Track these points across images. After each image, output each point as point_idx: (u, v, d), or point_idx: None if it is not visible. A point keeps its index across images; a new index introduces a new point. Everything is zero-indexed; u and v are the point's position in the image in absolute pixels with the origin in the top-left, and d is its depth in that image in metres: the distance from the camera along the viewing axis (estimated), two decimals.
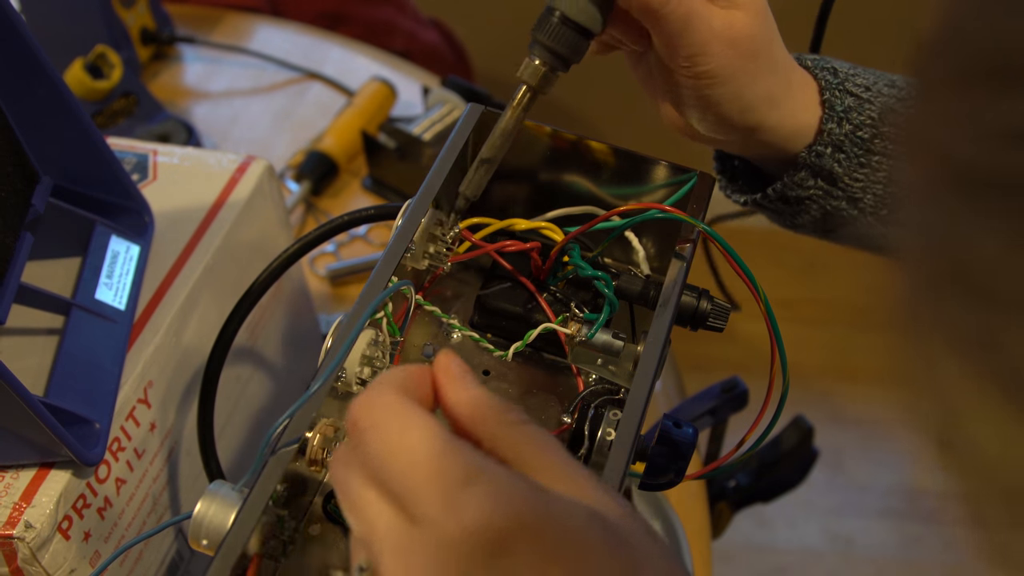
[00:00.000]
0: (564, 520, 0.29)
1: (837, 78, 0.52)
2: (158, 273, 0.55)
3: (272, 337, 0.66)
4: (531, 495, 0.29)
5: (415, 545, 0.28)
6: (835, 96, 0.51)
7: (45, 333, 0.50)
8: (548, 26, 0.41)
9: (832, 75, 0.52)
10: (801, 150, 0.52)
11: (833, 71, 0.52)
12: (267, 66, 1.10)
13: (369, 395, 0.32)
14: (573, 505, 0.30)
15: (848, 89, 0.52)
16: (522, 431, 0.32)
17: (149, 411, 0.52)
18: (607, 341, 0.46)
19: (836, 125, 0.51)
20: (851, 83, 0.52)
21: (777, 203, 0.54)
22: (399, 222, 0.46)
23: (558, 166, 0.51)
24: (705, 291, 0.47)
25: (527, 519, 0.28)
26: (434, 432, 0.30)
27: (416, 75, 1.10)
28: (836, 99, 0.51)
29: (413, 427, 0.30)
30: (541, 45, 0.41)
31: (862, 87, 0.52)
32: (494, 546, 0.28)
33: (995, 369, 0.19)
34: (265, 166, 0.63)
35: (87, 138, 0.52)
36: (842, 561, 1.68)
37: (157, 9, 1.08)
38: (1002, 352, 0.19)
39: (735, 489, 0.75)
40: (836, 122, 0.51)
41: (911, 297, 0.22)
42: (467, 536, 0.28)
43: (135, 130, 0.95)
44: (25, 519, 0.44)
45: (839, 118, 0.51)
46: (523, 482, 0.29)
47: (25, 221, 0.49)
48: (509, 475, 0.29)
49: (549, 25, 0.41)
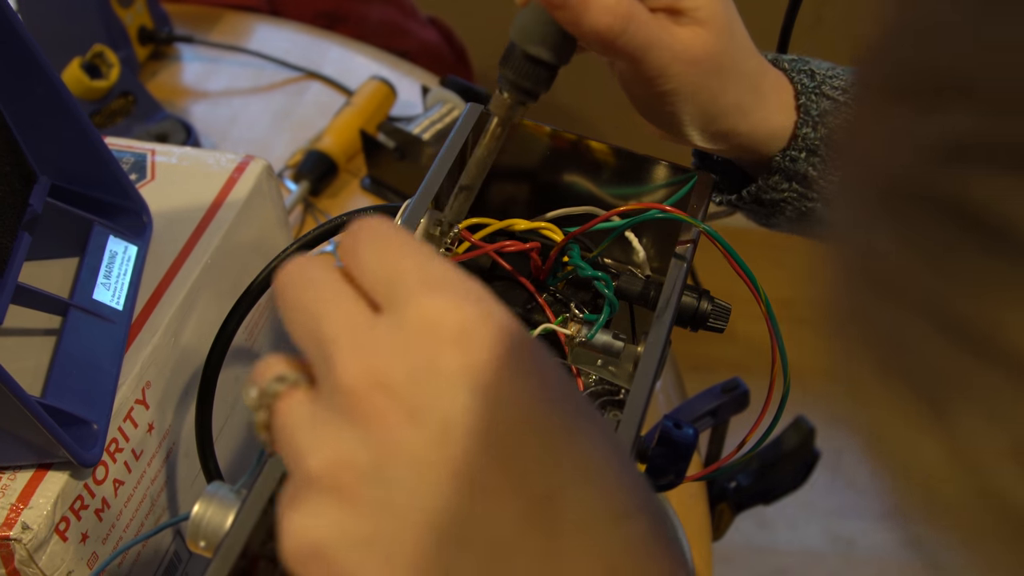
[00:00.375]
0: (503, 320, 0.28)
1: (814, 81, 0.52)
2: (156, 273, 0.55)
3: (271, 337, 0.66)
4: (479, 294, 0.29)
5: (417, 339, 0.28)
6: (811, 100, 0.51)
7: (42, 333, 0.49)
8: (512, 61, 0.41)
9: (809, 78, 0.52)
10: (776, 153, 0.51)
11: (810, 73, 0.52)
12: (266, 65, 1.09)
13: None
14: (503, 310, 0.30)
15: (824, 92, 0.51)
16: None
17: (147, 412, 0.52)
18: (607, 342, 0.46)
19: (811, 129, 0.51)
20: (828, 85, 0.52)
21: (752, 205, 0.54)
22: (398, 222, 0.46)
23: (558, 166, 0.51)
24: (705, 291, 0.47)
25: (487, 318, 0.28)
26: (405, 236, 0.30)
27: (415, 74, 1.10)
28: (812, 103, 0.51)
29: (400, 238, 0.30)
30: (507, 80, 0.42)
31: (839, 89, 0.52)
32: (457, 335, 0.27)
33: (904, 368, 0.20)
34: (264, 166, 0.62)
35: (85, 138, 0.52)
36: (843, 563, 1.68)
37: (155, 8, 1.07)
38: (910, 352, 0.19)
39: (736, 490, 0.75)
40: (811, 126, 0.51)
41: (833, 289, 0.22)
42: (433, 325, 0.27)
43: (133, 130, 0.95)
44: (22, 520, 0.44)
45: (814, 122, 0.51)
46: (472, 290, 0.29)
47: (22, 221, 0.49)
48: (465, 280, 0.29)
49: (513, 60, 0.41)
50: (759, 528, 1.71)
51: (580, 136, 0.50)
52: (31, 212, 0.50)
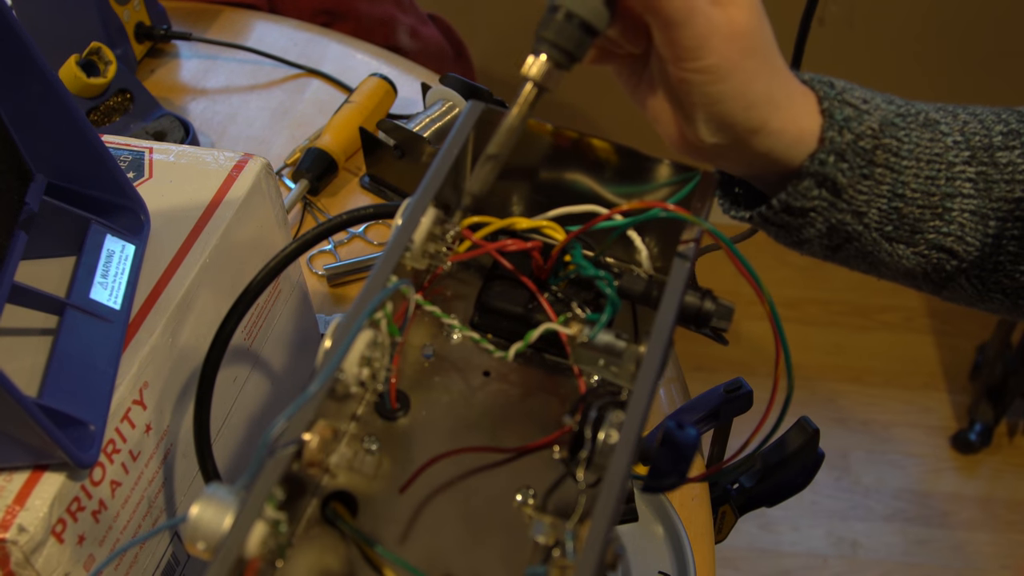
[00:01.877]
0: None
1: (834, 89, 0.52)
2: (154, 272, 0.55)
3: (269, 337, 0.65)
4: None
5: None
6: (834, 106, 0.51)
7: (39, 333, 0.49)
8: (553, 23, 0.41)
9: (829, 87, 0.52)
10: (803, 159, 0.52)
11: (830, 84, 0.53)
12: (265, 63, 1.09)
13: None
14: None
15: (847, 100, 0.52)
16: None
17: (144, 412, 0.51)
18: (609, 342, 0.45)
19: (837, 133, 0.51)
20: (849, 95, 0.52)
21: (781, 215, 0.54)
22: (398, 221, 0.46)
23: (560, 164, 0.51)
24: (708, 291, 0.46)
25: None
26: None
27: (415, 72, 1.09)
28: (835, 108, 0.51)
29: None
30: (547, 42, 0.42)
31: (860, 99, 0.52)
32: None
33: None
34: (262, 164, 0.62)
35: (82, 136, 0.52)
36: (847, 565, 1.68)
37: (153, 5, 1.07)
38: None
39: (739, 492, 0.75)
40: (837, 130, 0.51)
41: None
42: None
43: (130, 127, 0.94)
44: (18, 522, 0.44)
45: (839, 127, 0.51)
46: None
47: (19, 220, 0.49)
48: None
49: (554, 22, 0.41)
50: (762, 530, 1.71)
51: (582, 134, 0.50)
52: (27, 211, 0.49)
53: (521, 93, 0.43)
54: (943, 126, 0.54)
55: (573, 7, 0.41)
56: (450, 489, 0.44)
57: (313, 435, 0.39)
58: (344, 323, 0.42)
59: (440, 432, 0.46)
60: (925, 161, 0.52)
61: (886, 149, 0.52)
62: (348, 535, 0.42)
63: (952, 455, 1.81)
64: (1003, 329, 1.81)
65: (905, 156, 0.52)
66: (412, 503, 0.43)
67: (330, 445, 0.40)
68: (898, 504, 1.75)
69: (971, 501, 1.75)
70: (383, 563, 0.41)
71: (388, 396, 0.45)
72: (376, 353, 0.43)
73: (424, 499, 0.44)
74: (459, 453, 0.45)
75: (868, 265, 0.56)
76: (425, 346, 0.48)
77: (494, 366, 0.48)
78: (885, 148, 0.52)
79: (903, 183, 0.52)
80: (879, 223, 0.53)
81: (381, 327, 0.43)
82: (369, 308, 0.38)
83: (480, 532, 0.42)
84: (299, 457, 0.39)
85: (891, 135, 0.52)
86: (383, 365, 0.43)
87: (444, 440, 0.45)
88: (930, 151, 0.53)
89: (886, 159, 0.52)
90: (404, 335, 0.46)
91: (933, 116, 0.54)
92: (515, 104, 0.44)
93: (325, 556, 0.42)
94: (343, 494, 0.43)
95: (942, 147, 0.53)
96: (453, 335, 0.49)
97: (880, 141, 0.52)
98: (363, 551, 0.42)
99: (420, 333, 0.49)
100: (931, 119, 0.54)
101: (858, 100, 0.52)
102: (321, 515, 0.43)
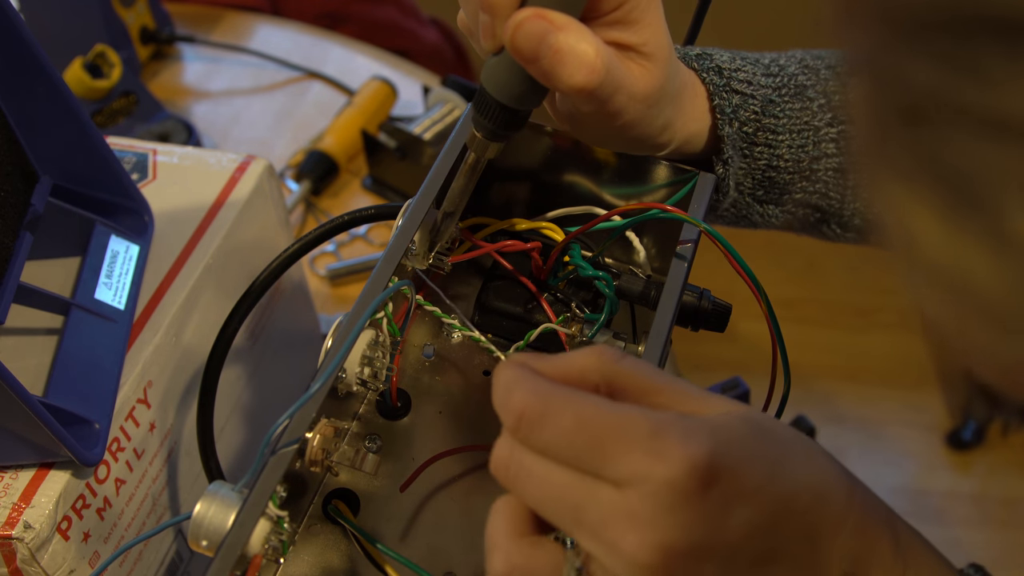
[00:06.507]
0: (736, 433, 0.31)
1: (722, 78, 0.52)
2: (158, 273, 0.55)
3: (272, 337, 0.66)
4: (702, 424, 0.31)
5: (640, 505, 0.29)
6: (723, 99, 0.51)
7: (44, 333, 0.50)
8: (484, 108, 0.41)
9: (717, 75, 0.52)
10: (695, 151, 0.52)
11: (718, 71, 0.52)
12: (267, 65, 1.09)
13: (520, 387, 0.32)
14: (728, 418, 0.32)
15: (733, 88, 0.52)
16: (627, 365, 0.33)
17: (149, 411, 0.52)
18: (608, 341, 0.46)
19: (728, 125, 0.51)
20: (735, 80, 0.52)
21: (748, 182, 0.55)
22: (399, 222, 0.46)
23: (559, 166, 0.51)
24: (706, 291, 0.47)
25: (714, 446, 0.30)
26: (595, 400, 0.31)
27: (417, 74, 1.10)
28: (724, 102, 0.51)
29: (577, 402, 0.31)
30: (479, 124, 0.41)
31: (744, 82, 0.52)
32: (704, 476, 0.29)
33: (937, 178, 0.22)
34: (265, 165, 0.62)
35: (87, 137, 0.52)
36: None
37: (157, 8, 1.07)
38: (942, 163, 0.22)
39: None
40: (728, 122, 0.51)
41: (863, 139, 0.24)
42: (681, 476, 0.29)
43: (135, 129, 0.95)
44: (24, 519, 0.44)
45: (729, 118, 0.51)
46: (686, 417, 0.31)
47: (24, 221, 0.49)
48: (672, 414, 0.31)
49: (485, 107, 0.41)
50: None
51: None
52: (33, 212, 0.50)
53: (465, 162, 0.44)
54: (809, 91, 0.54)
55: (501, 98, 0.41)
56: (451, 487, 0.44)
57: (315, 434, 0.40)
58: (345, 323, 0.42)
59: (441, 431, 0.46)
60: (796, 132, 0.53)
61: (766, 129, 0.52)
62: (350, 532, 0.42)
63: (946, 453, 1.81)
64: None
65: (781, 131, 0.53)
66: (413, 501, 0.44)
67: (332, 443, 0.40)
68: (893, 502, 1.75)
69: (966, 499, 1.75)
70: (384, 560, 0.41)
71: (389, 395, 0.46)
72: (377, 352, 0.43)
73: (425, 497, 0.44)
74: (460, 451, 0.45)
75: (736, 221, 0.57)
76: (426, 345, 0.49)
77: (494, 365, 0.48)
78: (765, 128, 0.52)
79: (778, 156, 0.53)
80: (752, 189, 0.54)
81: (382, 327, 0.44)
82: (370, 308, 0.39)
83: (480, 529, 0.42)
84: (301, 455, 0.40)
85: (770, 114, 0.53)
86: (384, 364, 0.44)
87: (445, 438, 0.46)
88: (800, 120, 0.53)
89: (765, 138, 0.53)
90: (405, 335, 0.47)
91: (801, 80, 0.54)
92: (460, 171, 0.45)
93: (327, 553, 0.43)
94: (345, 492, 0.44)
95: (809, 114, 0.54)
96: (454, 335, 0.49)
97: (761, 123, 0.52)
98: (365, 548, 0.42)
99: (421, 333, 0.49)
100: (800, 84, 0.54)
101: (743, 84, 0.52)
102: (323, 513, 0.43)
